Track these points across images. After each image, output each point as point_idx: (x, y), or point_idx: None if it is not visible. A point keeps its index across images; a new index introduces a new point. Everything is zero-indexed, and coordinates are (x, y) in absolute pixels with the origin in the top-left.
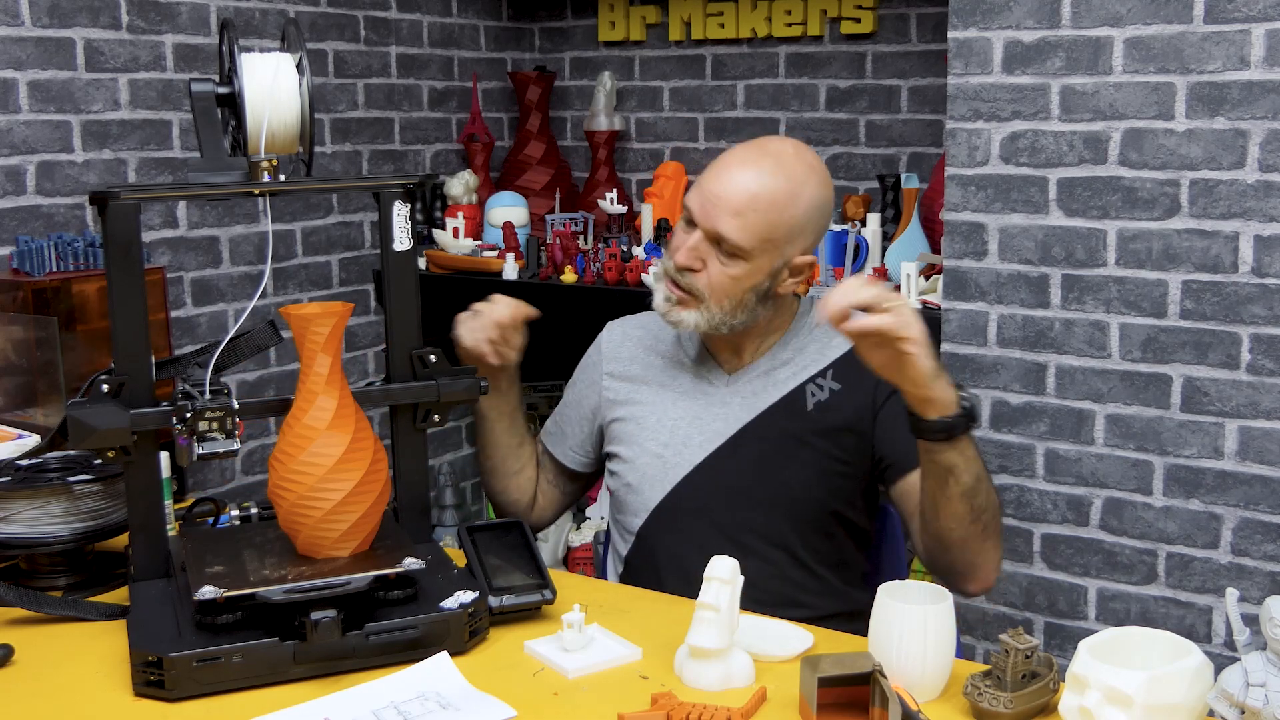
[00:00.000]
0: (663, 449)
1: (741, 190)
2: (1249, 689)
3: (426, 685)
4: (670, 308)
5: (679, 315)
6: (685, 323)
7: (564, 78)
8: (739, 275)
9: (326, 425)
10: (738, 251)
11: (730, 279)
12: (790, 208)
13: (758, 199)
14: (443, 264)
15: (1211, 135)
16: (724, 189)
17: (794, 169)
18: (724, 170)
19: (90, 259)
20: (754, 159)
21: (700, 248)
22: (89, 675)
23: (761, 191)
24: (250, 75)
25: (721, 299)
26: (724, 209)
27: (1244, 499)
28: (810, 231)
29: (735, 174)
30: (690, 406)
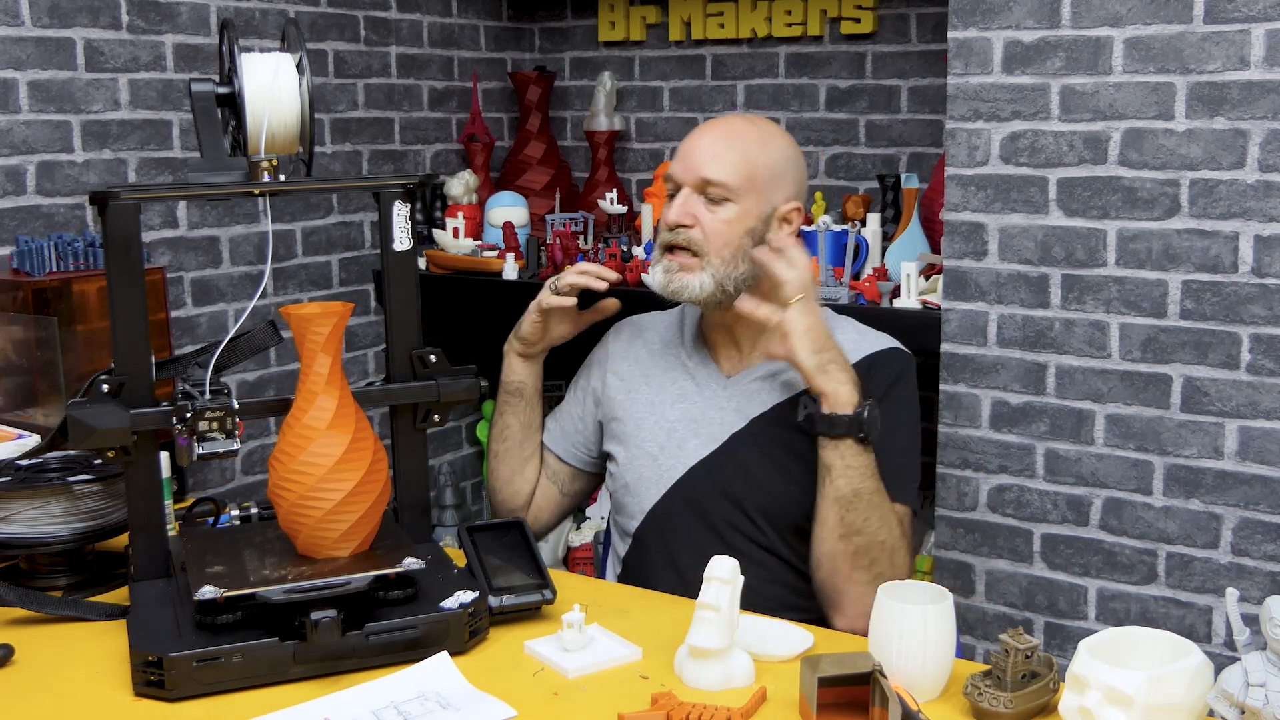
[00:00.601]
0: (659, 451)
1: (716, 138)
2: (1249, 689)
3: (426, 685)
4: (672, 277)
5: (683, 281)
6: (690, 288)
7: (564, 78)
8: (731, 218)
9: (326, 425)
10: (725, 192)
11: (724, 223)
12: (764, 150)
13: (732, 139)
14: (443, 264)
15: (1211, 135)
16: (699, 142)
17: (760, 123)
18: (695, 134)
19: (90, 259)
20: (721, 121)
21: (689, 202)
22: (89, 675)
23: (734, 135)
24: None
25: (720, 247)
26: (703, 156)
27: (1244, 499)
28: (789, 179)
29: (706, 131)
30: (687, 409)
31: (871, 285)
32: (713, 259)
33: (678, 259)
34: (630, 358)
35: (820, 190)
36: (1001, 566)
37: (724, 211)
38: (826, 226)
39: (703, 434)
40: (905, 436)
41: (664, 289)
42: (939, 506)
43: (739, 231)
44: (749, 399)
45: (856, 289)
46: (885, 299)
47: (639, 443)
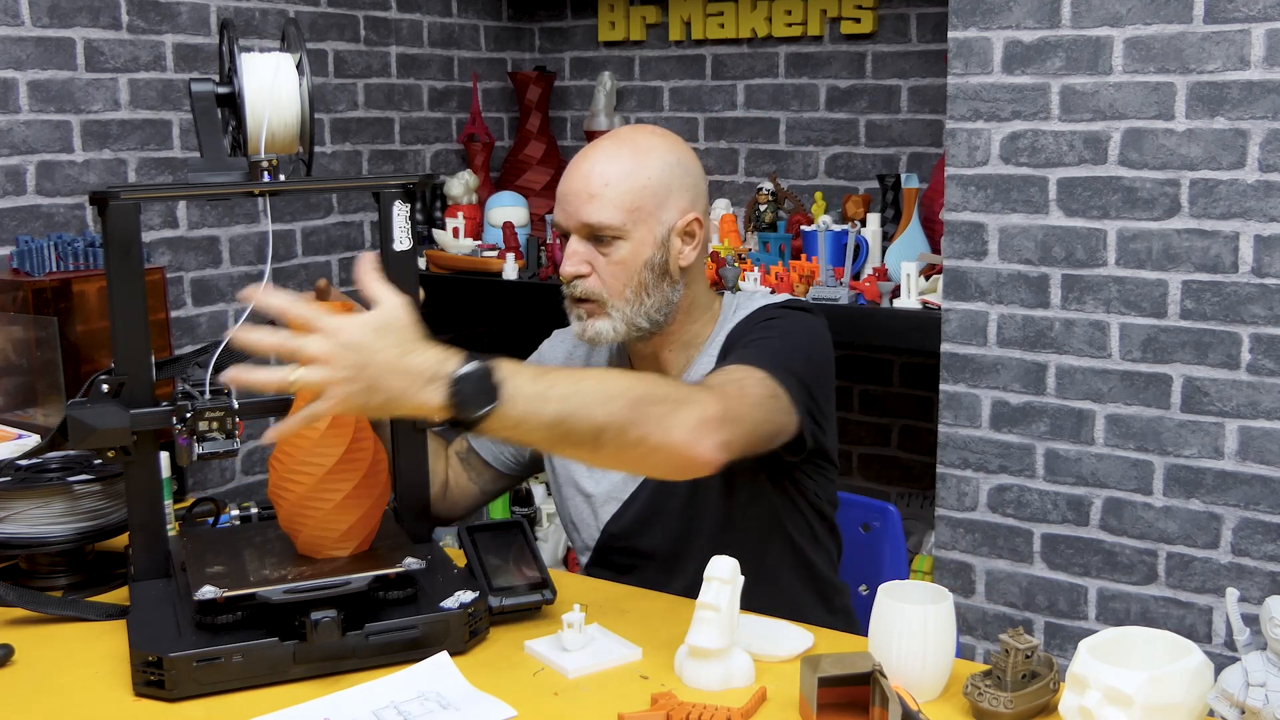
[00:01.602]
0: (594, 486)
1: (588, 176)
2: (1249, 689)
3: (426, 685)
4: (585, 326)
5: (595, 328)
6: (604, 333)
7: (564, 78)
8: (625, 257)
9: (326, 426)
10: (612, 232)
11: (619, 265)
12: (642, 171)
13: (606, 174)
14: (443, 264)
15: (1211, 135)
16: (573, 185)
17: (634, 140)
18: (569, 171)
19: (90, 259)
20: (591, 151)
21: (579, 251)
22: (89, 675)
23: (608, 167)
24: (250, 75)
25: (621, 289)
26: (580, 200)
27: (1244, 499)
28: (679, 189)
29: (578, 168)
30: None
31: (871, 285)
32: (616, 302)
33: (582, 308)
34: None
35: (820, 190)
36: (1001, 566)
37: (616, 251)
38: (826, 226)
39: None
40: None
41: (581, 338)
42: (939, 506)
43: (636, 267)
44: None
45: (856, 289)
46: (885, 299)
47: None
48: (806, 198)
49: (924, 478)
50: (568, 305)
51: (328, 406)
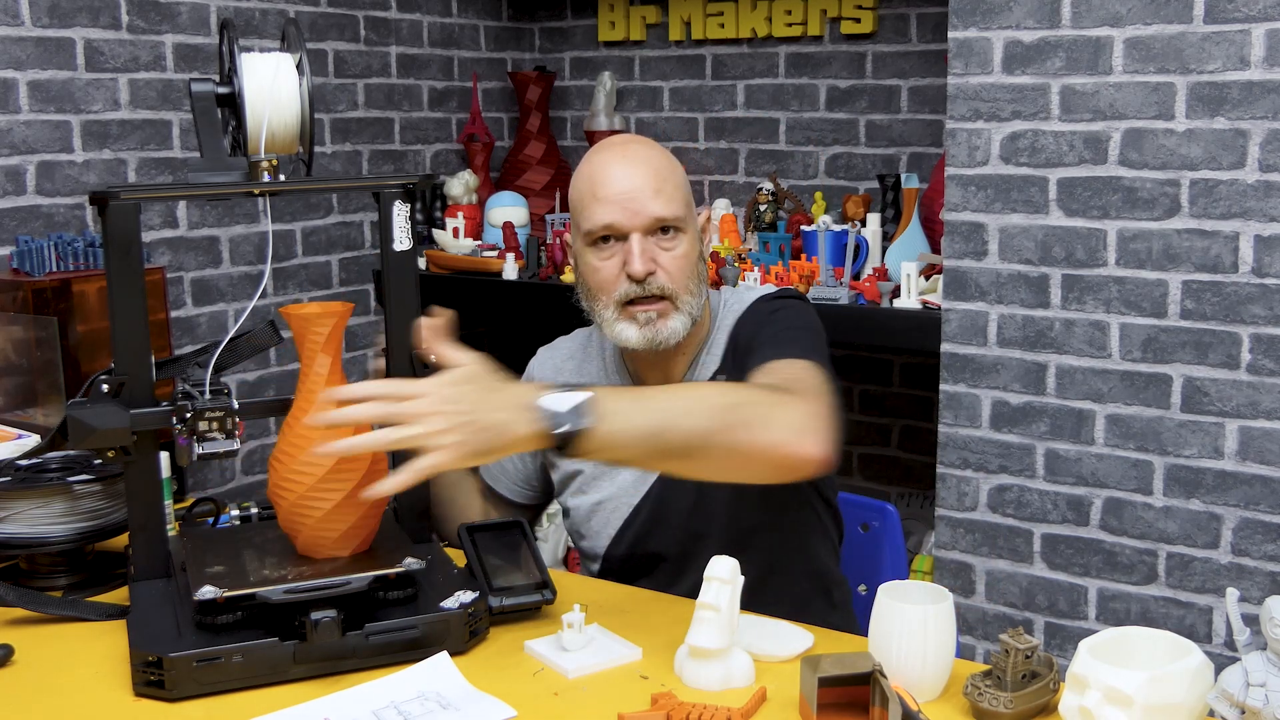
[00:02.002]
0: (603, 495)
1: (643, 173)
2: (1249, 689)
3: (426, 685)
4: (656, 328)
5: (669, 327)
6: (676, 331)
7: (564, 78)
8: (687, 250)
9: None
10: (677, 224)
11: (683, 258)
12: (677, 168)
13: (659, 170)
14: (443, 264)
15: (1211, 135)
16: (629, 183)
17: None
18: (609, 175)
19: (90, 259)
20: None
21: (647, 248)
22: (89, 675)
23: (656, 164)
24: (250, 75)
25: (686, 283)
26: (645, 196)
27: (1244, 499)
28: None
29: (623, 169)
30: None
31: (871, 285)
32: (684, 296)
33: (652, 308)
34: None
35: (820, 190)
36: (1001, 566)
37: (678, 246)
38: (826, 226)
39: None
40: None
41: (649, 343)
42: (939, 506)
43: (694, 260)
44: None
45: (856, 289)
46: (885, 299)
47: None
48: (806, 198)
49: (924, 478)
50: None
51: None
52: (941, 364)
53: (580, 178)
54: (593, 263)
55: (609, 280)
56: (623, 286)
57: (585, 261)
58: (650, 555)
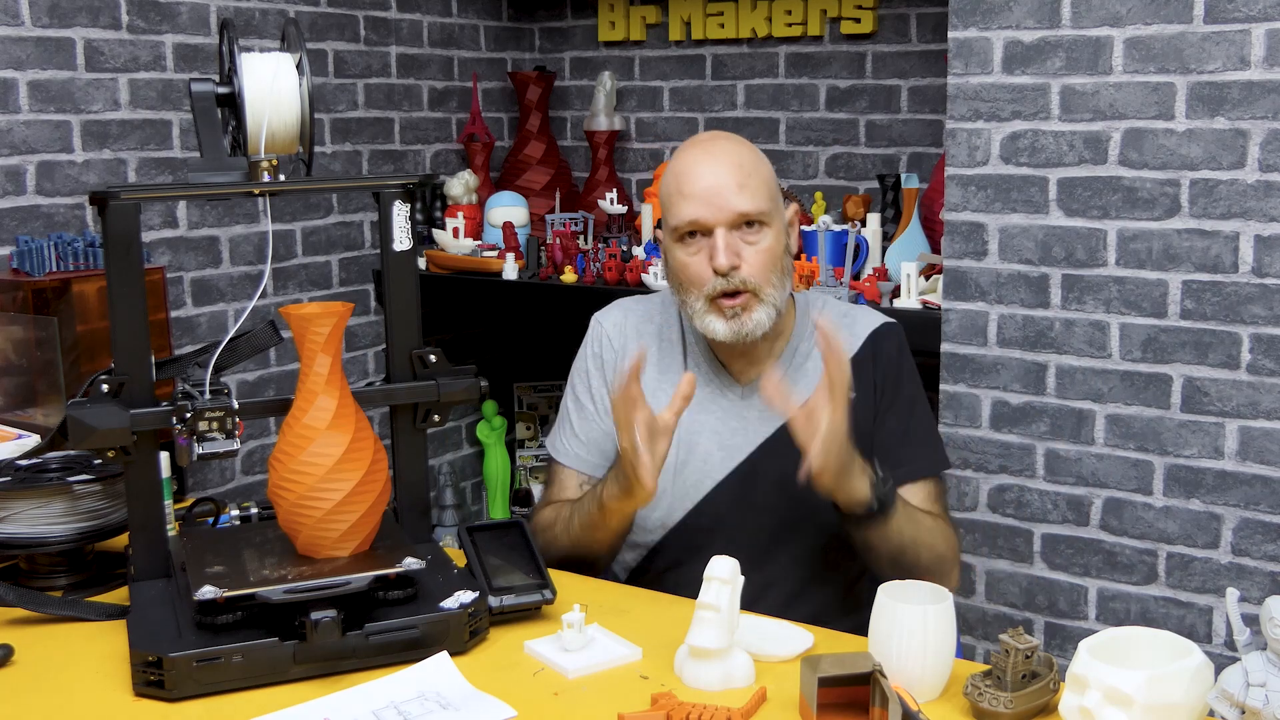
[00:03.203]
0: (681, 465)
1: (727, 169)
2: (1249, 689)
3: (426, 685)
4: (742, 322)
5: (754, 320)
6: (761, 324)
7: (564, 78)
8: (771, 244)
9: (326, 425)
10: (761, 219)
11: (768, 252)
12: (762, 163)
13: (744, 165)
14: (443, 264)
15: (1211, 135)
16: (713, 179)
17: (733, 137)
18: (695, 171)
19: (90, 259)
20: (705, 149)
21: (731, 242)
22: (89, 675)
23: (740, 159)
24: (250, 75)
25: (770, 276)
26: (729, 191)
27: (1244, 499)
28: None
29: (708, 165)
30: (707, 420)
31: (871, 285)
32: (767, 290)
33: (737, 303)
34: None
35: (820, 190)
36: (1001, 566)
37: (762, 240)
38: (826, 226)
39: (727, 446)
40: (922, 407)
41: (737, 336)
42: None
43: (779, 254)
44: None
45: (856, 289)
46: (885, 299)
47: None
48: (806, 198)
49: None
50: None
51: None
52: (941, 364)
53: (668, 175)
54: (681, 258)
55: (697, 276)
56: (710, 281)
57: (674, 257)
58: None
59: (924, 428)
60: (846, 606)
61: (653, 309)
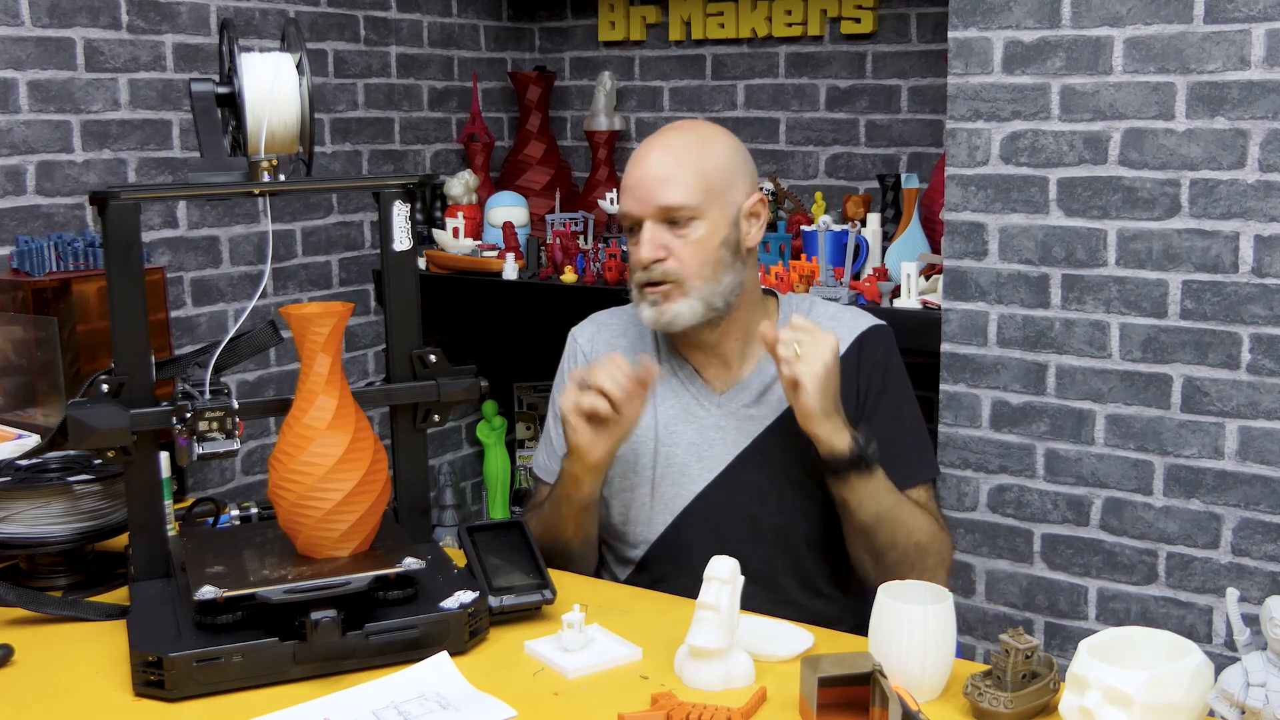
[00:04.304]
0: (659, 479)
1: (659, 161)
2: (1249, 689)
3: (426, 685)
4: (661, 310)
5: (672, 310)
6: (681, 315)
7: (564, 78)
8: (702, 237)
9: (326, 425)
10: (689, 213)
11: (697, 245)
12: (708, 152)
13: (677, 158)
14: (443, 264)
15: (1211, 135)
16: (643, 172)
17: (693, 127)
18: (636, 163)
19: (90, 259)
20: (653, 141)
21: (656, 235)
22: (89, 675)
23: (676, 151)
24: (250, 75)
25: (699, 269)
26: (654, 185)
27: (1244, 499)
28: (742, 173)
29: (645, 158)
30: (683, 432)
31: (871, 285)
32: (694, 282)
33: (658, 291)
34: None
35: (820, 190)
36: (1001, 566)
37: (693, 232)
38: (826, 226)
39: (705, 458)
40: (910, 412)
41: (655, 324)
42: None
43: (713, 246)
44: (749, 416)
45: (856, 289)
46: (885, 299)
47: (636, 470)
48: (806, 198)
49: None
50: (636, 294)
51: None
52: (941, 364)
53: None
54: (629, 247)
55: (633, 265)
56: (639, 271)
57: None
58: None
59: (912, 434)
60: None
61: (626, 321)
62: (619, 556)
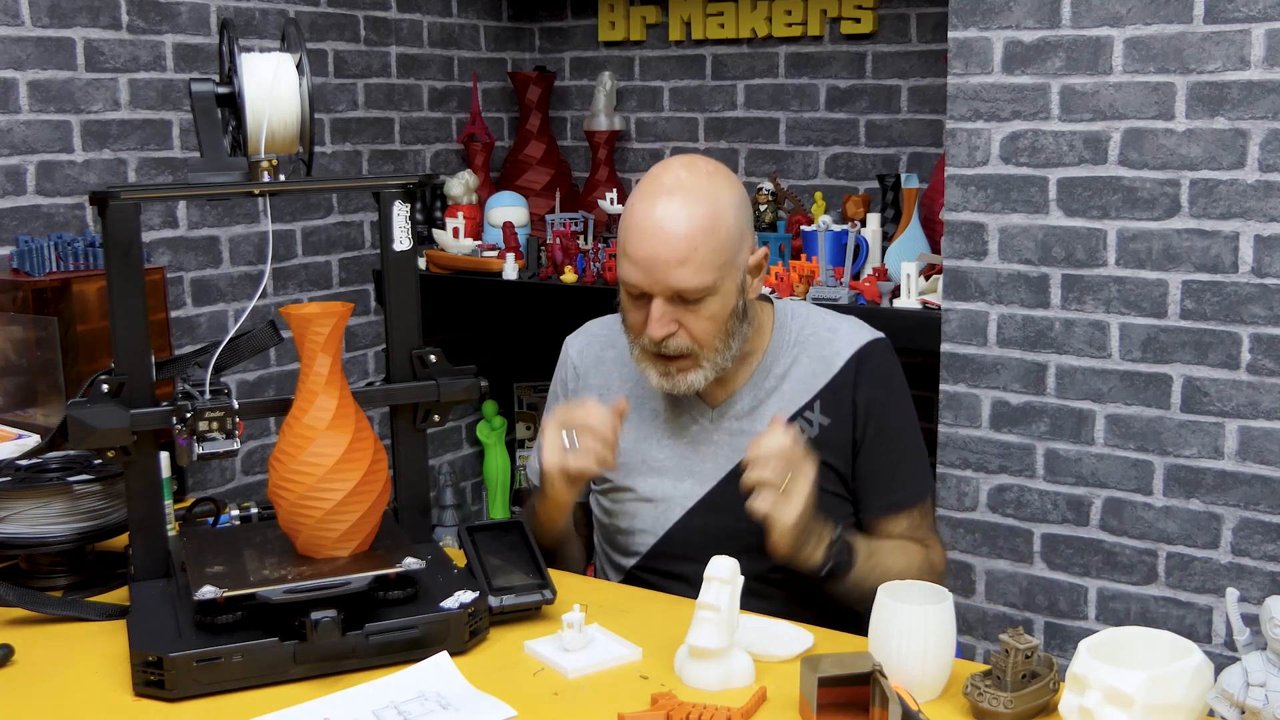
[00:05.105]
0: (652, 492)
1: (671, 240)
2: (1249, 689)
3: (426, 685)
4: (675, 381)
5: (686, 381)
6: (695, 384)
7: (564, 78)
8: (716, 312)
9: (326, 425)
10: (704, 292)
11: (711, 320)
12: (721, 225)
13: (691, 236)
14: (443, 264)
15: (1211, 135)
16: (656, 249)
17: (701, 188)
18: (641, 233)
19: (90, 259)
20: (667, 209)
21: (667, 312)
22: (89, 675)
23: (691, 229)
24: (250, 75)
25: (713, 342)
26: (669, 267)
27: (1244, 499)
28: (746, 230)
29: (653, 232)
30: (676, 446)
31: (871, 285)
32: (707, 354)
33: (672, 365)
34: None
35: (820, 190)
36: (1001, 566)
37: (707, 308)
38: (826, 226)
39: (697, 473)
40: (911, 430)
41: (671, 390)
42: (939, 507)
43: (724, 318)
44: (742, 431)
45: (856, 289)
46: (885, 299)
47: (632, 483)
48: (806, 198)
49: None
50: (645, 360)
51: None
52: (941, 364)
53: (625, 215)
54: (625, 303)
55: (635, 327)
56: (645, 339)
57: (622, 295)
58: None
59: (913, 454)
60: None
61: (617, 332)
62: (613, 563)
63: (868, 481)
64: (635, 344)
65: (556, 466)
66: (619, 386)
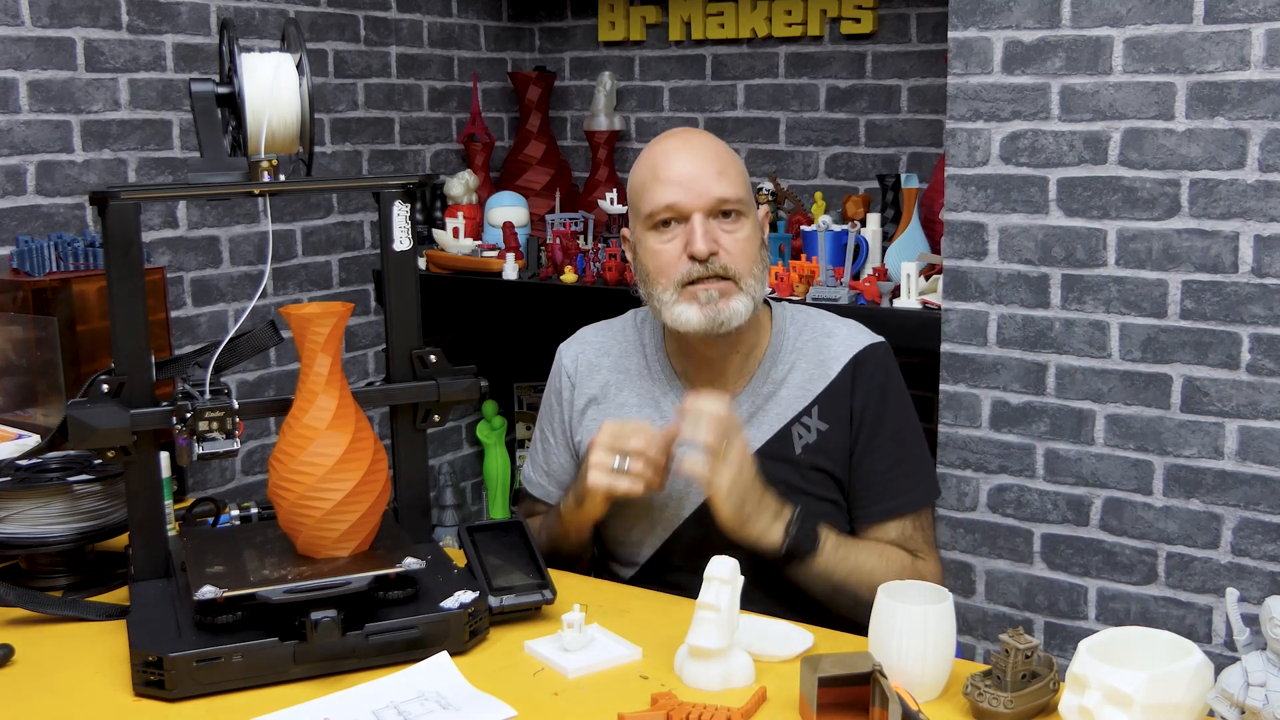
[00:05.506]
0: (653, 497)
1: (705, 156)
2: (1249, 689)
3: (426, 685)
4: (719, 307)
5: (731, 307)
6: (739, 313)
7: (564, 78)
8: (750, 233)
9: (326, 425)
10: (739, 207)
11: (746, 240)
12: (736, 157)
13: (720, 156)
14: (443, 264)
15: (1211, 135)
16: (692, 166)
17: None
18: (672, 159)
19: (90, 259)
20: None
21: (709, 228)
22: (89, 675)
23: (717, 150)
24: (250, 75)
25: (750, 265)
26: (708, 177)
27: (1244, 499)
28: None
29: (686, 153)
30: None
31: (871, 285)
32: (746, 280)
33: (715, 286)
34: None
35: (820, 190)
36: (1001, 566)
37: (741, 230)
38: (826, 226)
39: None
40: (911, 435)
41: (711, 323)
42: (939, 507)
43: (756, 245)
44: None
45: (856, 289)
46: (885, 299)
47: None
48: (806, 198)
49: None
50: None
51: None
52: (941, 364)
53: (641, 164)
54: (653, 246)
55: (670, 262)
56: (684, 267)
57: (645, 246)
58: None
59: (913, 459)
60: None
61: (611, 339)
62: (618, 566)
63: (859, 487)
64: (668, 288)
65: (604, 487)
66: (614, 393)
